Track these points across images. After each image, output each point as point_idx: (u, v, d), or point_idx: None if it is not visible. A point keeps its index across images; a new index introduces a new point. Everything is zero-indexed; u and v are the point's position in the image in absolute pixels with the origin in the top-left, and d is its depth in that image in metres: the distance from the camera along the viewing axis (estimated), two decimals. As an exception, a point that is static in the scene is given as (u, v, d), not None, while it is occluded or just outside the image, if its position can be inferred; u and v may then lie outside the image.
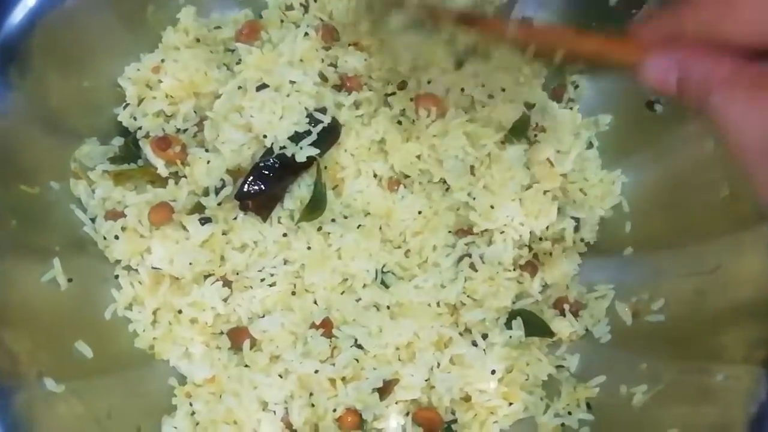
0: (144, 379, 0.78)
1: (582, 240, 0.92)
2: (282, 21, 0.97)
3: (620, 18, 0.88)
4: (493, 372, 0.80)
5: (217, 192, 0.83)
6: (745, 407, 0.66)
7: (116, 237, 0.83)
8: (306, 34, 0.90)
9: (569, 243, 0.90)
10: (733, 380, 0.69)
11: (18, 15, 0.77)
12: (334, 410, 0.76)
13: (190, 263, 0.81)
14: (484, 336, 0.82)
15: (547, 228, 0.88)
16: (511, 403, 0.82)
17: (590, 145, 0.96)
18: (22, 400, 0.65)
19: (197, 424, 0.77)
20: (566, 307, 0.87)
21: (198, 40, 0.95)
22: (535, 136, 0.92)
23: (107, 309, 0.82)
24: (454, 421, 0.82)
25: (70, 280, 0.78)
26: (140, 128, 0.90)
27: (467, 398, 0.82)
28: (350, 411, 0.76)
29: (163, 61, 0.90)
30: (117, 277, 0.84)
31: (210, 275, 0.82)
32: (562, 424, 0.80)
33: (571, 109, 0.96)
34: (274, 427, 0.74)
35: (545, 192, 0.89)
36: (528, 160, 0.90)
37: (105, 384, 0.75)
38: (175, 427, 0.76)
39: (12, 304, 0.72)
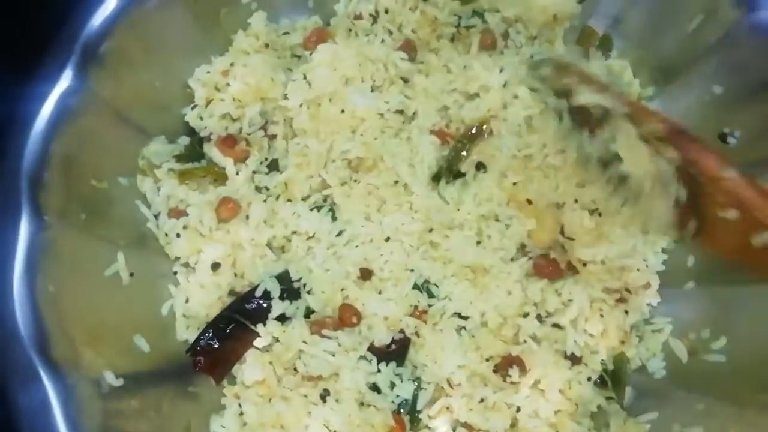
0: (196, 377, 0.80)
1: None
2: (350, 30, 0.98)
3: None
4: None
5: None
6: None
7: (177, 235, 0.85)
8: (383, 41, 0.91)
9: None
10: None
11: (98, 18, 0.80)
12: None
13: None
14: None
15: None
16: (558, 431, 0.80)
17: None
18: (83, 390, 0.67)
19: (245, 424, 0.78)
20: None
21: (267, 45, 0.96)
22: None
23: (164, 304, 0.84)
24: (500, 447, 0.81)
25: (131, 275, 0.80)
26: (206, 128, 0.92)
27: (513, 423, 0.80)
28: (399, 418, 0.77)
29: (232, 64, 0.92)
30: (176, 273, 0.86)
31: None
32: (611, 456, 0.78)
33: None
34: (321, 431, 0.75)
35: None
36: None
37: (159, 379, 0.77)
38: (224, 426, 0.77)
39: (76, 296, 0.73)
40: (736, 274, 0.83)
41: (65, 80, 0.77)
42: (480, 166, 0.89)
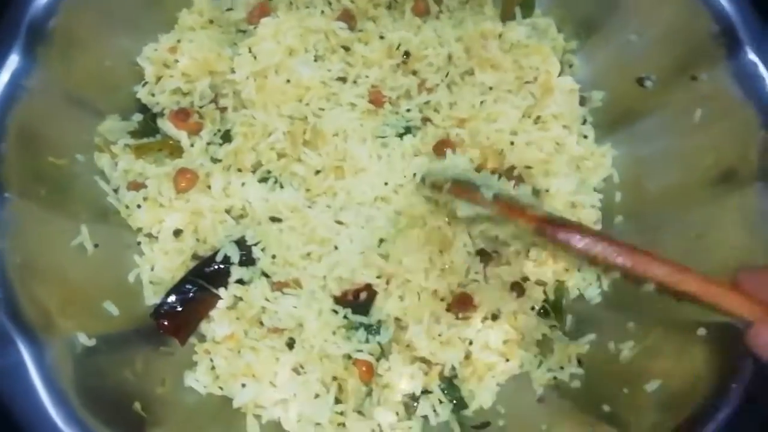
0: (167, 338, 0.84)
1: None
2: (291, 2, 1.02)
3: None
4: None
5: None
6: (723, 358, 0.71)
7: (138, 206, 0.89)
8: (322, 12, 0.96)
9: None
10: (714, 333, 0.74)
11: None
12: (350, 358, 0.82)
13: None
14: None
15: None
16: (507, 360, 0.88)
17: (584, 121, 1.02)
18: (57, 351, 0.70)
19: (217, 377, 0.83)
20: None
21: (211, 21, 1.00)
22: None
23: (131, 273, 0.87)
24: (455, 376, 0.88)
25: (96, 246, 0.84)
26: (158, 104, 0.95)
27: (467, 355, 0.87)
28: (363, 361, 0.82)
29: (179, 41, 0.95)
30: (139, 243, 0.90)
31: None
32: (555, 378, 0.86)
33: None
34: (290, 377, 0.80)
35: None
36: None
37: (131, 341, 0.81)
38: (197, 380, 0.82)
39: (43, 265, 0.77)
40: (657, 204, 0.93)
41: (13, 60, 0.79)
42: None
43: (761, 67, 0.81)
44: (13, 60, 0.78)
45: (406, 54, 0.99)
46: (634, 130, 0.97)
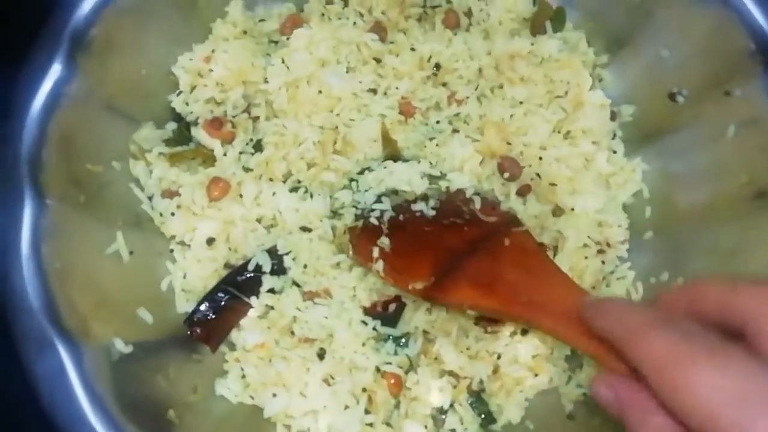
0: (199, 346, 0.85)
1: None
2: (323, 14, 1.03)
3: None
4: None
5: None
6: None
7: (172, 214, 0.90)
8: (354, 23, 0.97)
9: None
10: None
11: (85, 7, 0.83)
12: (379, 370, 0.82)
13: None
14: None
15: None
16: (536, 375, 0.87)
17: (614, 136, 1.02)
18: (95, 356, 0.72)
19: (248, 386, 0.83)
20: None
21: (245, 32, 1.01)
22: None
23: (163, 280, 0.88)
24: (483, 390, 0.88)
25: (131, 253, 0.85)
26: (192, 113, 0.97)
27: (495, 369, 0.87)
28: (392, 374, 0.83)
29: (213, 51, 0.96)
30: (172, 251, 0.91)
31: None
32: (584, 394, 0.86)
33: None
34: (320, 387, 0.81)
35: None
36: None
37: (165, 348, 0.82)
38: (229, 388, 0.83)
39: (81, 272, 0.78)
40: (689, 220, 0.92)
41: (56, 69, 0.80)
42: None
43: (796, 85, 0.81)
44: (56, 69, 0.80)
45: (437, 66, 1.00)
46: (665, 145, 0.97)
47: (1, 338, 0.69)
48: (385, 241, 0.86)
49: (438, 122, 0.99)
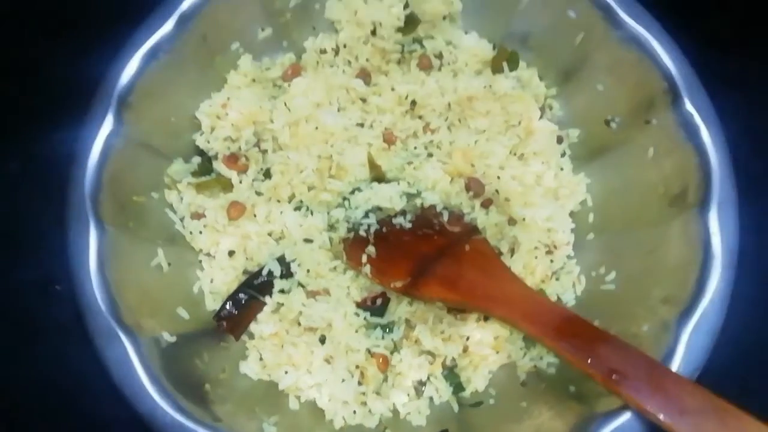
0: (225, 336, 1.06)
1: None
2: (318, 62, 1.24)
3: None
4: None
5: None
6: (659, 347, 0.91)
7: (200, 232, 1.12)
8: (343, 71, 1.18)
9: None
10: (654, 330, 0.94)
11: (128, 73, 1.04)
12: (369, 351, 1.04)
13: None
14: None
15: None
16: (497, 352, 1.08)
17: (564, 154, 1.21)
18: (148, 345, 0.93)
19: (265, 366, 1.05)
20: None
21: (254, 80, 1.22)
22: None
23: (195, 285, 1.10)
24: (455, 365, 1.08)
25: (169, 264, 1.07)
26: (212, 149, 1.18)
27: (465, 348, 1.08)
28: (380, 354, 1.04)
29: (228, 98, 1.17)
30: (200, 261, 1.12)
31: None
32: (535, 366, 1.05)
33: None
34: (322, 366, 1.02)
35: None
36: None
37: (199, 338, 1.03)
38: (250, 368, 1.04)
39: (133, 281, 0.99)
40: (621, 224, 1.12)
41: (107, 124, 1.01)
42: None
43: (696, 117, 1.00)
44: (108, 125, 1.01)
45: (413, 102, 1.20)
46: (604, 162, 1.16)
47: (80, 333, 0.91)
48: (371, 249, 1.07)
49: (415, 148, 1.19)
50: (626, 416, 0.85)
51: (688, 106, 1.01)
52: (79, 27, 1.29)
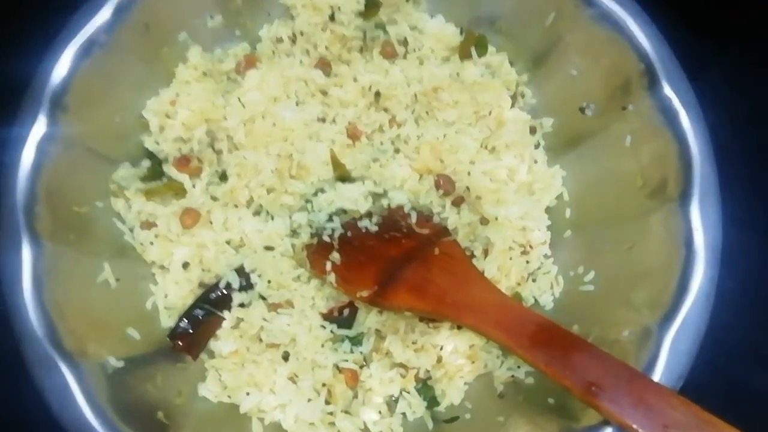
0: (181, 355, 0.99)
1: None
2: (274, 52, 1.15)
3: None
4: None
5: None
6: (641, 355, 0.86)
7: (151, 243, 1.03)
8: (301, 61, 1.09)
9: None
10: (635, 336, 0.89)
11: (60, 72, 0.95)
12: (337, 367, 0.98)
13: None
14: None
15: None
16: (473, 362, 1.02)
17: (538, 145, 1.15)
18: (92, 372, 0.85)
19: (225, 387, 0.98)
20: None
21: (205, 74, 1.13)
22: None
23: (148, 301, 1.02)
24: (429, 377, 1.02)
25: (117, 280, 0.98)
26: (162, 151, 1.09)
27: (439, 359, 1.02)
28: (348, 369, 0.98)
29: (177, 94, 1.09)
30: (153, 274, 1.04)
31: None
32: (512, 376, 1.00)
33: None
34: (286, 385, 0.95)
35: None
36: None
37: (152, 359, 0.96)
38: (209, 390, 0.97)
39: (75, 302, 0.91)
40: (599, 219, 1.06)
41: (40, 127, 0.92)
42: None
43: (675, 101, 0.94)
44: (39, 129, 0.92)
45: (377, 94, 1.13)
46: (580, 152, 1.10)
47: (15, 361, 0.83)
48: (335, 255, 1.00)
49: (381, 143, 1.12)
50: (608, 432, 0.79)
51: (667, 90, 0.95)
52: (9, 17, 1.18)
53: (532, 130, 1.13)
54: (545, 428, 0.88)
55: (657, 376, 0.83)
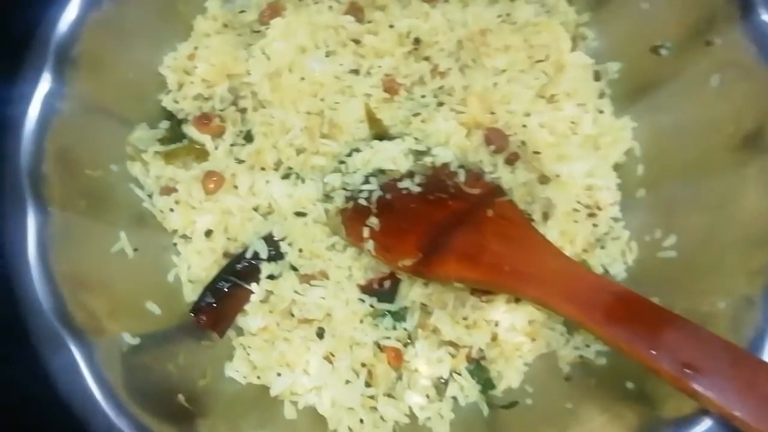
0: (207, 333, 0.89)
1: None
2: (300, 0, 1.04)
3: None
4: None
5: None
6: (743, 330, 0.71)
7: (171, 210, 0.94)
8: (330, 7, 0.98)
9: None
10: (733, 308, 0.75)
11: (67, 21, 0.86)
12: (378, 345, 0.87)
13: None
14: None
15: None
16: (533, 340, 0.90)
17: (602, 95, 1.01)
18: (105, 350, 0.76)
19: (255, 367, 0.88)
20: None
21: (226, 26, 1.03)
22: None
23: (170, 273, 0.93)
24: (483, 357, 0.90)
25: (135, 250, 0.89)
26: (182, 110, 1.00)
27: (494, 336, 0.90)
28: (391, 348, 0.87)
29: (196, 48, 0.99)
30: (175, 244, 0.95)
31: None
32: (581, 356, 0.87)
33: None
34: (321, 365, 0.85)
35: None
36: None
37: (173, 337, 0.86)
38: (237, 371, 0.88)
39: (88, 273, 0.83)
40: (679, 175, 0.92)
41: (45, 83, 0.84)
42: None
43: (775, 29, 0.79)
44: (44, 85, 0.83)
45: (417, 41, 1.01)
46: (654, 100, 0.96)
47: (21, 338, 0.75)
48: (373, 220, 0.89)
49: (423, 96, 1.00)
50: (706, 424, 0.66)
51: (764, 17, 0.80)
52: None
53: (597, 76, 0.99)
54: (624, 418, 0.75)
55: (766, 356, 0.69)
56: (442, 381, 0.89)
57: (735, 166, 0.83)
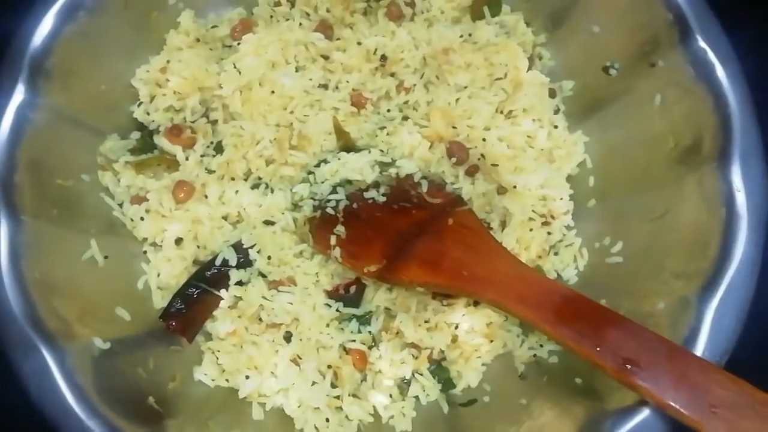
0: (176, 338, 0.91)
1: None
2: (272, 16, 1.08)
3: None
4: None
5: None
6: (680, 328, 0.77)
7: (142, 218, 0.96)
8: (300, 24, 1.02)
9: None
10: (671, 308, 0.80)
11: (41, 34, 0.89)
12: (344, 347, 0.90)
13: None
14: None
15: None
16: (491, 341, 0.94)
17: (557, 110, 1.07)
18: (76, 355, 0.78)
19: (223, 371, 0.90)
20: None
21: (198, 40, 1.06)
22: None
23: (139, 280, 0.95)
24: (444, 358, 0.94)
25: (106, 257, 0.91)
26: (153, 122, 1.02)
27: (454, 338, 0.94)
28: (356, 350, 0.90)
29: (168, 62, 1.02)
30: (145, 252, 0.97)
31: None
32: (534, 355, 0.92)
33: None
34: (288, 367, 0.88)
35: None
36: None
37: (143, 342, 0.88)
38: (206, 374, 0.90)
39: (59, 280, 0.84)
40: (626, 186, 0.98)
41: (18, 94, 0.86)
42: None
43: (710, 54, 0.86)
44: (18, 96, 0.85)
45: (383, 58, 1.05)
46: (604, 116, 1.02)
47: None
48: (340, 229, 0.92)
49: (388, 110, 1.05)
50: (644, 413, 0.72)
51: (701, 42, 0.87)
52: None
53: (552, 94, 1.05)
54: (572, 411, 0.80)
55: (699, 351, 0.75)
56: (405, 381, 0.92)
57: (675, 178, 0.89)
